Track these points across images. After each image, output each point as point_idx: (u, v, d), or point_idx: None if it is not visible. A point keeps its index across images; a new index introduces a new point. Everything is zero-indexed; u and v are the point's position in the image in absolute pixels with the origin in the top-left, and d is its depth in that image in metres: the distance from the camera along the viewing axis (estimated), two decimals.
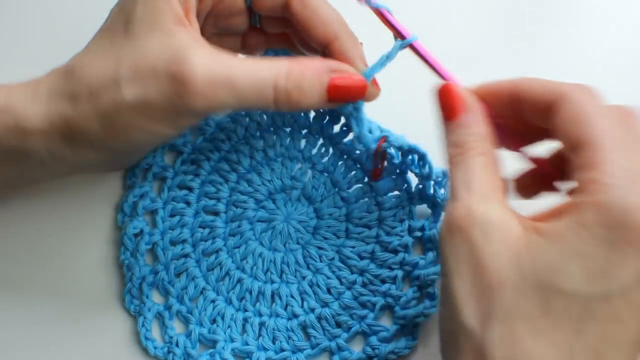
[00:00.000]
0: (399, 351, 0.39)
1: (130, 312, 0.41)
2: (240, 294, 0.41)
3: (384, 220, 0.41)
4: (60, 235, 0.42)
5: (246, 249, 0.41)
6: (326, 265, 0.41)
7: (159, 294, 0.41)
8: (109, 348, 0.40)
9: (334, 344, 0.39)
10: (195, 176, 0.43)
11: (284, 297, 0.40)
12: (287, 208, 0.42)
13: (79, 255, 0.42)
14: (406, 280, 0.41)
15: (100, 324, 0.41)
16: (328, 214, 0.42)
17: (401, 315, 0.39)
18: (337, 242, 0.41)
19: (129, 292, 0.41)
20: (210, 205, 0.42)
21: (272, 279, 0.41)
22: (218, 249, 0.41)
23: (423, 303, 0.40)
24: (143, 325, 0.40)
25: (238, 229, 0.42)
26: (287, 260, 0.41)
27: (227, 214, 0.42)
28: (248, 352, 0.39)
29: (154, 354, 0.39)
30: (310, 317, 0.40)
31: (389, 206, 0.41)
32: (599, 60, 0.47)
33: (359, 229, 0.41)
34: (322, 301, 0.40)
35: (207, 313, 0.40)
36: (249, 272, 0.41)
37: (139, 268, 0.41)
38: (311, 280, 0.41)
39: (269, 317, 0.40)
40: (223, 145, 0.43)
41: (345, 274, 0.41)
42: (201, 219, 0.42)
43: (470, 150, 0.32)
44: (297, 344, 0.39)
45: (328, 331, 0.40)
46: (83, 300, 0.41)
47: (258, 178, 0.42)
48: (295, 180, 0.42)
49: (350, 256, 0.41)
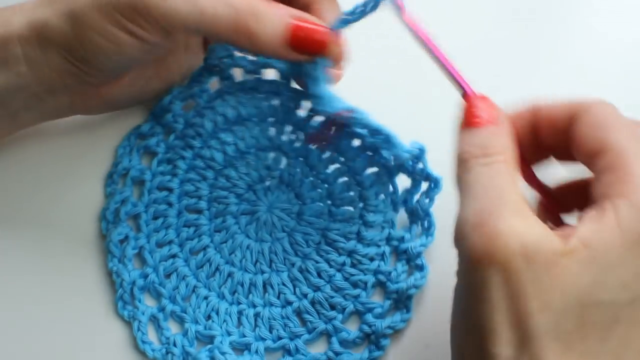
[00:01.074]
0: (395, 325, 0.39)
1: (124, 318, 0.41)
2: (232, 287, 0.41)
3: (367, 199, 0.41)
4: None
5: (233, 242, 0.41)
6: (314, 250, 0.41)
7: (151, 296, 0.41)
8: (107, 356, 0.40)
9: (331, 326, 0.40)
10: (173, 176, 0.43)
11: (275, 286, 0.41)
12: (269, 197, 0.42)
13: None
14: (394, 255, 0.41)
15: (95, 334, 0.41)
16: (309, 198, 0.42)
17: (393, 289, 0.40)
18: (322, 225, 0.41)
19: (120, 298, 0.41)
20: (192, 204, 0.42)
21: (262, 269, 0.41)
22: (205, 246, 0.41)
23: (413, 275, 0.40)
24: (139, 330, 0.40)
25: (223, 224, 0.42)
26: (274, 250, 0.41)
27: (210, 210, 0.42)
28: (246, 344, 0.39)
29: (152, 356, 0.40)
30: (304, 303, 0.40)
31: (369, 183, 0.41)
32: (599, 59, 0.47)
33: (342, 210, 0.42)
34: (314, 286, 0.40)
35: (201, 310, 0.40)
36: (238, 265, 0.41)
37: (128, 273, 0.41)
38: (300, 266, 0.41)
39: (263, 307, 0.40)
40: (194, 142, 0.43)
41: (333, 257, 0.41)
42: (185, 218, 0.42)
43: (498, 154, 0.29)
44: (294, 330, 0.40)
45: (323, 314, 0.40)
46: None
47: (235, 172, 0.42)
48: (271, 170, 0.42)
49: (336, 239, 0.41)
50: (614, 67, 0.47)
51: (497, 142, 0.30)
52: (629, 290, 0.26)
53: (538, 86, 0.45)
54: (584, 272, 0.26)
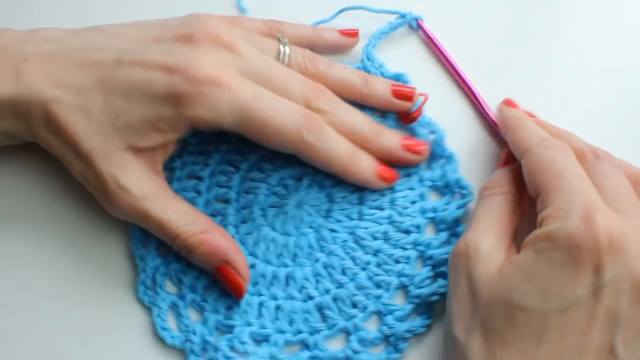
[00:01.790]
0: (415, 329, 0.39)
1: (144, 303, 0.40)
2: (253, 279, 0.41)
3: (396, 201, 0.42)
4: (68, 231, 0.42)
5: (258, 234, 0.41)
6: (340, 247, 0.41)
7: (172, 284, 0.41)
8: (125, 340, 0.40)
9: (351, 324, 0.39)
10: (205, 166, 0.43)
11: (298, 280, 0.41)
12: (299, 193, 0.42)
13: (88, 250, 0.42)
14: (419, 260, 0.41)
15: (114, 317, 0.40)
16: (340, 197, 0.42)
17: (416, 294, 0.40)
18: (350, 224, 0.41)
19: (142, 283, 0.40)
20: (221, 193, 0.42)
21: (285, 262, 0.41)
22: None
23: (437, 282, 0.40)
24: (159, 316, 0.40)
25: (249, 215, 0.42)
26: (299, 244, 0.41)
27: (238, 201, 0.42)
28: (265, 336, 0.39)
29: (171, 343, 0.39)
30: (325, 298, 0.40)
31: (400, 188, 0.42)
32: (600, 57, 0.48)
33: (372, 211, 0.42)
34: (337, 282, 0.40)
35: (221, 300, 0.40)
36: (261, 257, 0.41)
37: (152, 259, 0.41)
38: (325, 262, 0.41)
39: (284, 300, 0.40)
40: (232, 137, 0.43)
41: (359, 255, 0.41)
42: (212, 208, 0.42)
43: (493, 188, 0.38)
44: (314, 325, 0.40)
45: (344, 311, 0.40)
46: (94, 293, 0.41)
47: (270, 165, 0.43)
48: (305, 166, 0.43)
49: (363, 237, 0.41)
50: (614, 66, 0.47)
51: (498, 179, 0.39)
52: (551, 300, 0.31)
53: (539, 88, 0.46)
54: (506, 280, 0.33)
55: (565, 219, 0.32)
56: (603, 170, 0.36)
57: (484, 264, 0.34)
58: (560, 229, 0.32)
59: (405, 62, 0.46)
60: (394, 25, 0.47)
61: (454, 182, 0.42)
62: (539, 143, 0.37)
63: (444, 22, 0.48)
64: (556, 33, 0.48)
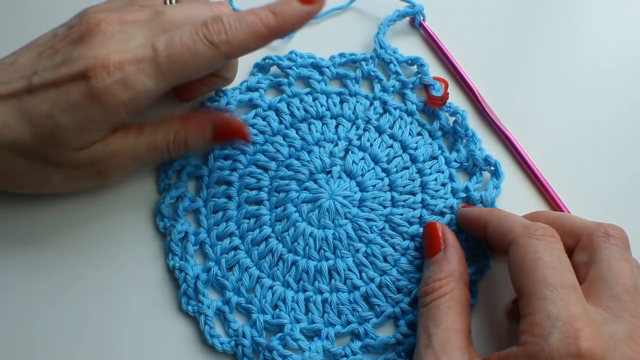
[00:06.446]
0: None
1: (188, 313, 0.40)
2: (296, 275, 0.41)
3: (427, 185, 0.42)
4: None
5: (295, 231, 0.42)
6: (378, 235, 0.41)
7: (214, 290, 0.41)
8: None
9: (398, 309, 0.40)
10: (233, 170, 0.43)
11: (341, 272, 0.41)
12: (330, 186, 0.43)
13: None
14: None
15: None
16: (371, 186, 0.42)
17: None
18: (385, 211, 0.42)
19: (184, 294, 0.40)
20: (252, 195, 0.42)
21: (326, 256, 0.41)
22: (267, 236, 0.42)
23: (477, 262, 0.41)
24: (206, 323, 0.40)
25: (284, 213, 0.42)
26: (338, 236, 0.41)
27: (271, 200, 0.42)
28: (316, 330, 0.40)
29: (222, 349, 0.39)
30: (371, 287, 0.40)
31: (429, 172, 0.43)
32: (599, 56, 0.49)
33: (404, 197, 0.42)
34: (381, 270, 0.41)
35: (267, 300, 0.40)
36: (302, 253, 0.41)
37: (192, 268, 0.41)
38: (365, 251, 0.41)
39: (330, 293, 0.41)
40: (257, 139, 0.43)
41: (397, 241, 0.41)
42: (245, 210, 0.42)
43: (434, 292, 0.36)
44: (363, 314, 0.40)
45: (390, 297, 0.40)
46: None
47: (297, 162, 0.43)
48: (335, 157, 0.43)
49: (400, 223, 0.42)
50: (614, 66, 0.48)
51: (438, 273, 0.37)
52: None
53: (538, 86, 0.47)
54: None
55: (546, 337, 0.31)
56: (608, 255, 0.35)
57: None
58: (540, 353, 0.31)
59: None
60: (401, 12, 0.47)
61: (482, 159, 0.43)
62: (526, 232, 0.35)
63: (445, 21, 0.48)
64: (556, 32, 0.49)
